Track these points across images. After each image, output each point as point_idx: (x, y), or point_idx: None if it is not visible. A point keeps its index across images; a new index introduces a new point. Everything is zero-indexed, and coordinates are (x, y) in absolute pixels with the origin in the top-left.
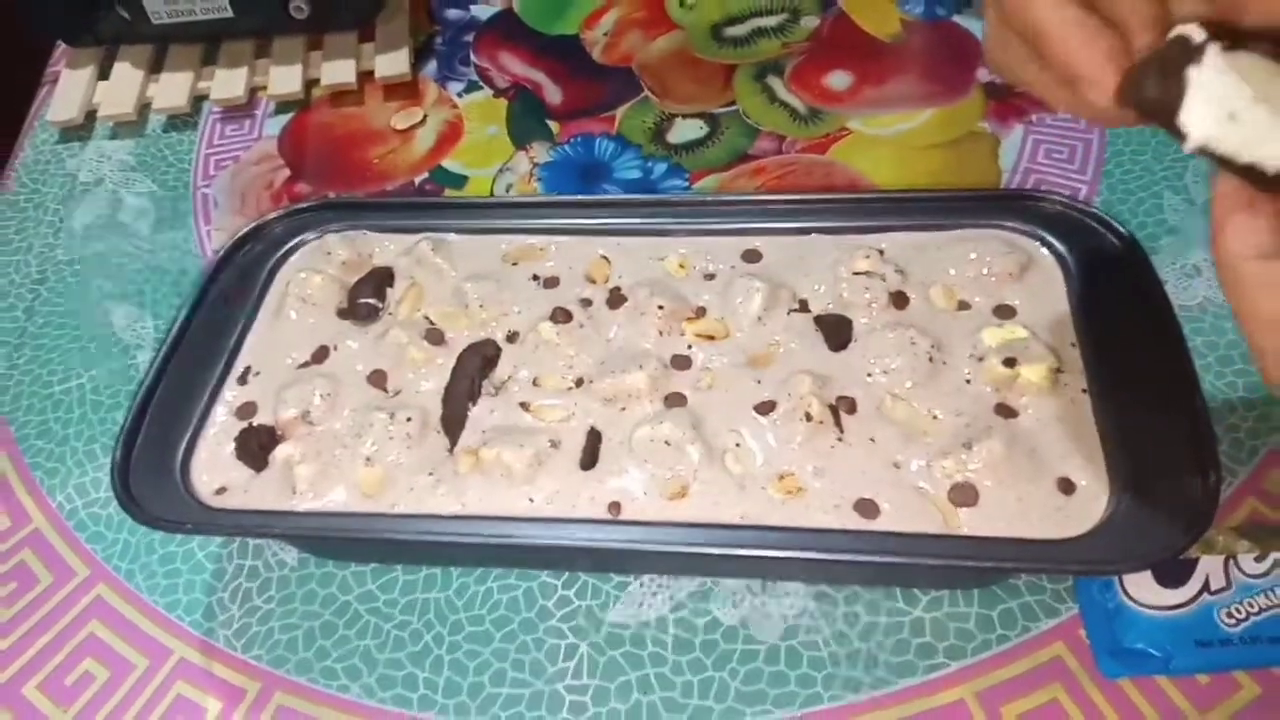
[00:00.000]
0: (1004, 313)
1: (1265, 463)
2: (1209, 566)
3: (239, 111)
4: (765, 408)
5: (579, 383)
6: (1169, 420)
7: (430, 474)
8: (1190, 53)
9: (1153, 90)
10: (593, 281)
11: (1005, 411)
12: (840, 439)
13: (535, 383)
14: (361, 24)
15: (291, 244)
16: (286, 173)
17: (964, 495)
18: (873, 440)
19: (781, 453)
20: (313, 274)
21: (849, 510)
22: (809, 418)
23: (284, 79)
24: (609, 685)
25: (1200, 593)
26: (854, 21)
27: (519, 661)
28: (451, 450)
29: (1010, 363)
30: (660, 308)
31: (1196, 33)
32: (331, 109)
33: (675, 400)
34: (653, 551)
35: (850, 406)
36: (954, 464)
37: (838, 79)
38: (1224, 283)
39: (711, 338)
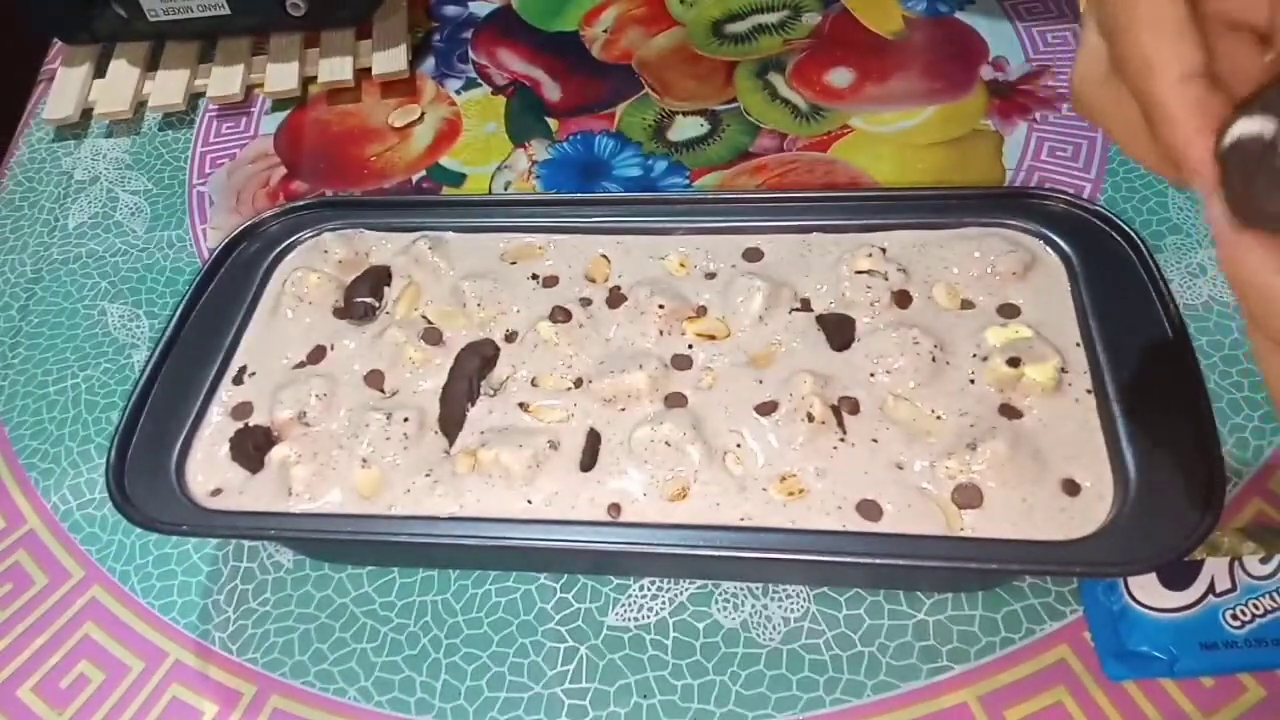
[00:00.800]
0: (1008, 312)
1: (1271, 463)
2: (1214, 568)
3: (235, 109)
4: (767, 408)
5: (578, 383)
6: (1174, 421)
7: (428, 475)
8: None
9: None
10: (592, 280)
11: (1009, 412)
12: (842, 440)
13: (534, 383)
14: (359, 21)
15: (288, 242)
16: (283, 171)
17: (968, 496)
18: (875, 441)
19: (783, 453)
20: (309, 273)
21: (851, 512)
22: (811, 418)
23: (281, 76)
24: (608, 689)
25: (1205, 595)
26: (856, 18)
27: (517, 665)
28: (449, 451)
29: (1014, 362)
30: (660, 307)
31: (1262, 124)
32: (328, 106)
33: (675, 400)
34: (652, 553)
35: (853, 407)
36: (958, 465)
37: (839, 76)
38: (1258, 303)
39: (712, 337)
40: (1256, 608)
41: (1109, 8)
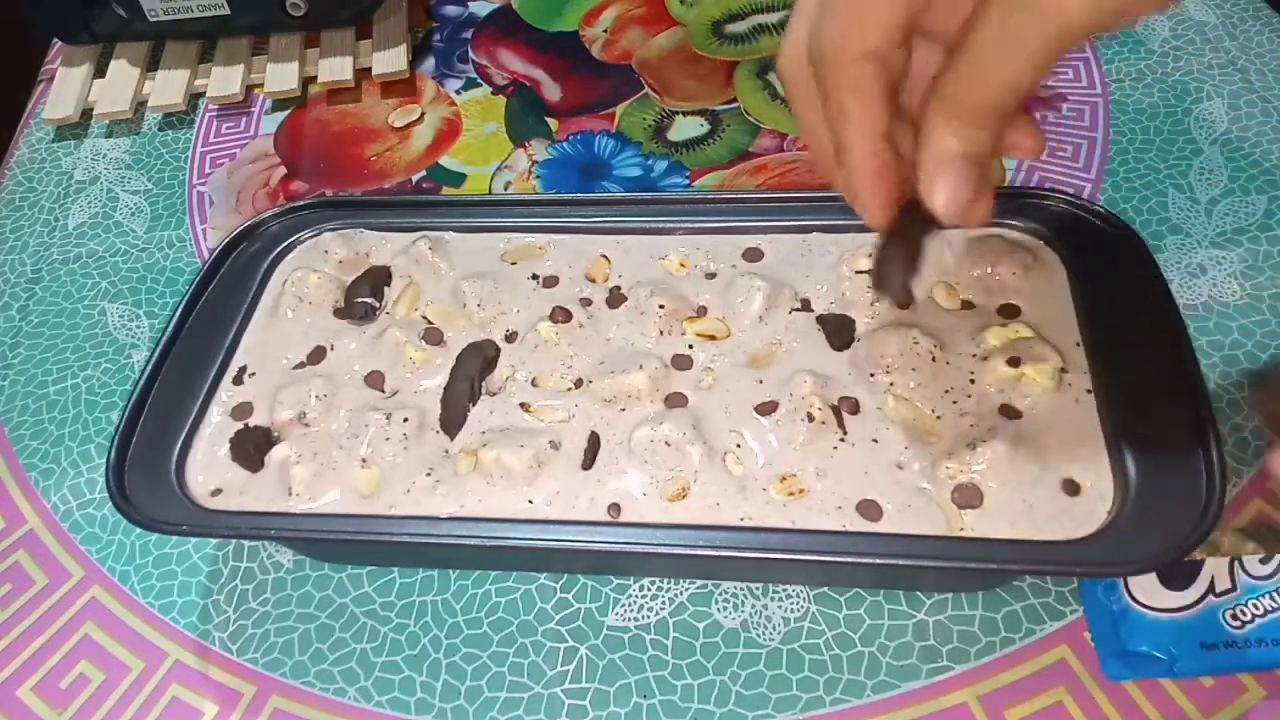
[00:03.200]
0: (1008, 312)
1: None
2: (1214, 568)
3: (235, 109)
4: (767, 408)
5: (578, 383)
6: (1174, 420)
7: (429, 474)
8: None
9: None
10: (592, 280)
11: (1009, 412)
12: (842, 439)
13: (534, 383)
14: (359, 21)
15: (288, 242)
16: (283, 171)
17: (968, 496)
18: (875, 441)
19: (783, 453)
20: (309, 273)
21: (851, 512)
22: (811, 418)
23: (281, 76)
24: (608, 689)
25: (1205, 595)
26: None
27: (517, 665)
28: (450, 451)
29: (1014, 362)
30: (661, 307)
31: None
32: (328, 106)
33: (676, 400)
34: (652, 553)
35: (853, 407)
36: (958, 465)
37: None
38: None
39: (713, 337)
40: (1256, 608)
41: (821, 52)
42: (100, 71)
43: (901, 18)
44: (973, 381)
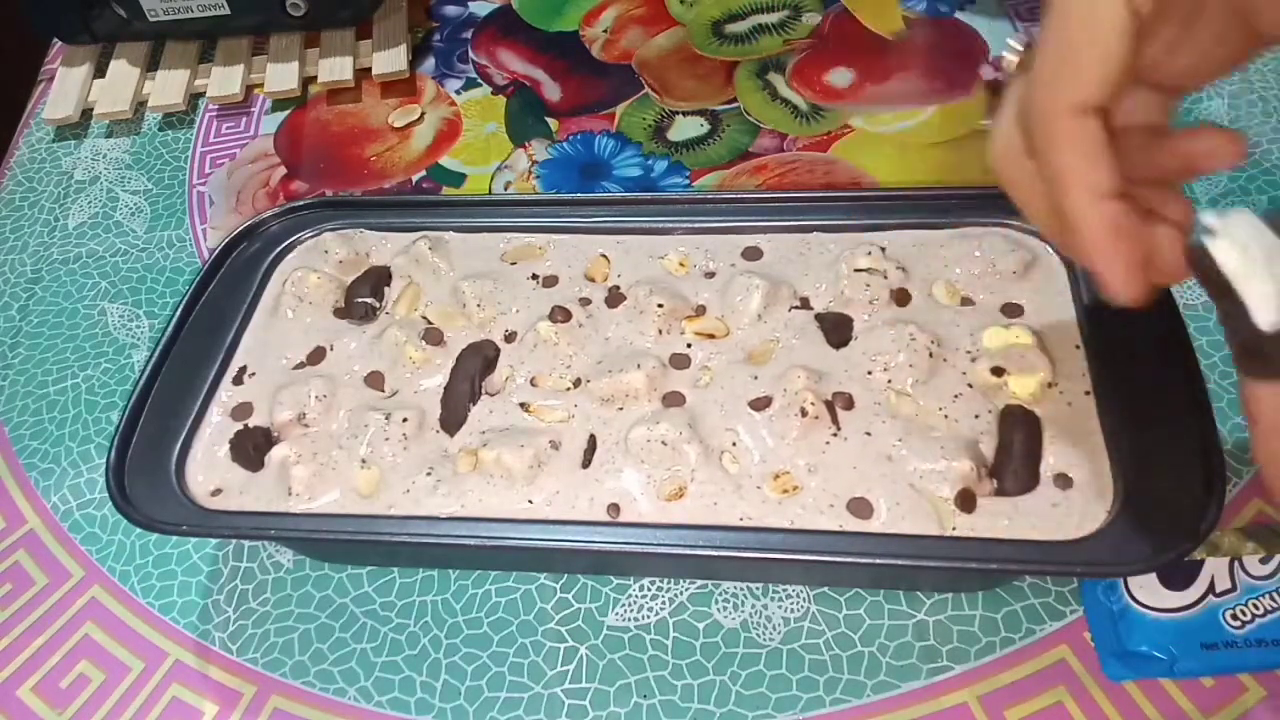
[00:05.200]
0: (1011, 311)
1: None
2: (1214, 568)
3: (235, 109)
4: (760, 404)
5: (577, 383)
6: (1174, 421)
7: (429, 474)
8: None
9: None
10: (592, 280)
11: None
12: (835, 434)
13: (533, 383)
14: (359, 21)
15: (288, 242)
16: (283, 171)
17: (964, 496)
18: (868, 434)
19: (777, 449)
20: (309, 273)
21: (842, 510)
22: (804, 413)
23: (281, 76)
24: (608, 689)
25: (1205, 595)
26: (856, 18)
27: (517, 665)
28: (450, 451)
29: (998, 371)
30: (660, 306)
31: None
32: (328, 106)
33: (673, 399)
34: (651, 553)
35: (847, 402)
36: (957, 471)
37: (839, 76)
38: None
39: (711, 336)
40: (1256, 608)
41: (1031, 113)
42: (100, 71)
43: (1117, 61)
44: (970, 386)
